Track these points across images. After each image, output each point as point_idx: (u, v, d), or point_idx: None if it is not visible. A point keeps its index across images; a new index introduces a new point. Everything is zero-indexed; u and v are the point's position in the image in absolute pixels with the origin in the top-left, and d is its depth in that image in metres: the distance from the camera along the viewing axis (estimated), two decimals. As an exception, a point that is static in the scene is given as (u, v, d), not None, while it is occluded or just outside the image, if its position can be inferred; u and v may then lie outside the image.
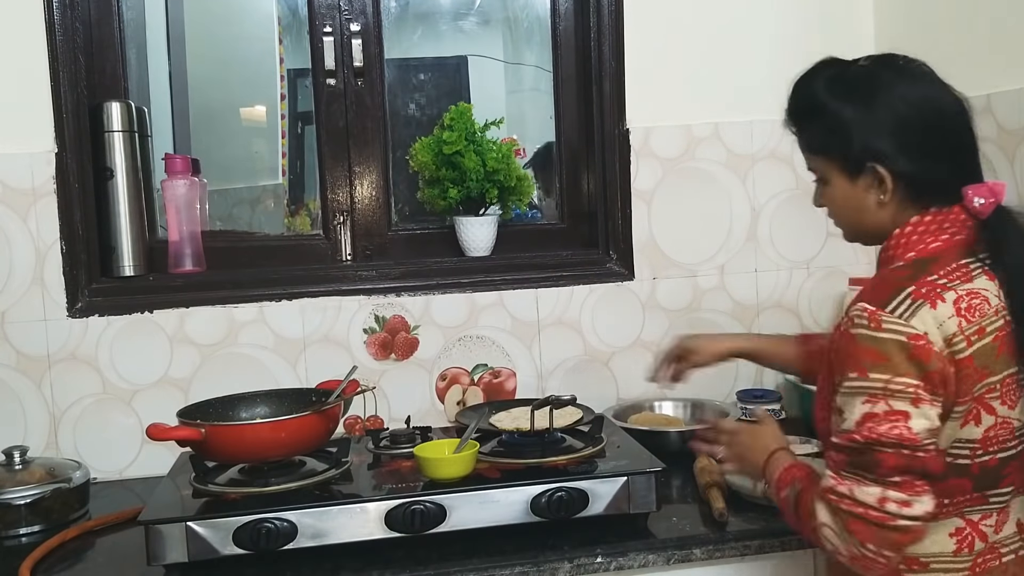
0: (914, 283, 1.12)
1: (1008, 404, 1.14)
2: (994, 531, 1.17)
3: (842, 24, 2.12)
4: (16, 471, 1.63)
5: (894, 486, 1.08)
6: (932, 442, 1.09)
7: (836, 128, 1.21)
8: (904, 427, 1.07)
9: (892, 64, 1.23)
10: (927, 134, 1.18)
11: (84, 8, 1.90)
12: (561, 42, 2.12)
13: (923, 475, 1.08)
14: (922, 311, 1.10)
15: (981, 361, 1.11)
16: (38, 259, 1.82)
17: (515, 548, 1.41)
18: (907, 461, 1.07)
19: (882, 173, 1.19)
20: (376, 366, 1.96)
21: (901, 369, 1.08)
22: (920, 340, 1.09)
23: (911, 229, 1.20)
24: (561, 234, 2.15)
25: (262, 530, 1.36)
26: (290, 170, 2.44)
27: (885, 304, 1.11)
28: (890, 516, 1.07)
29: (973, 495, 1.16)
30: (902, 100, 1.18)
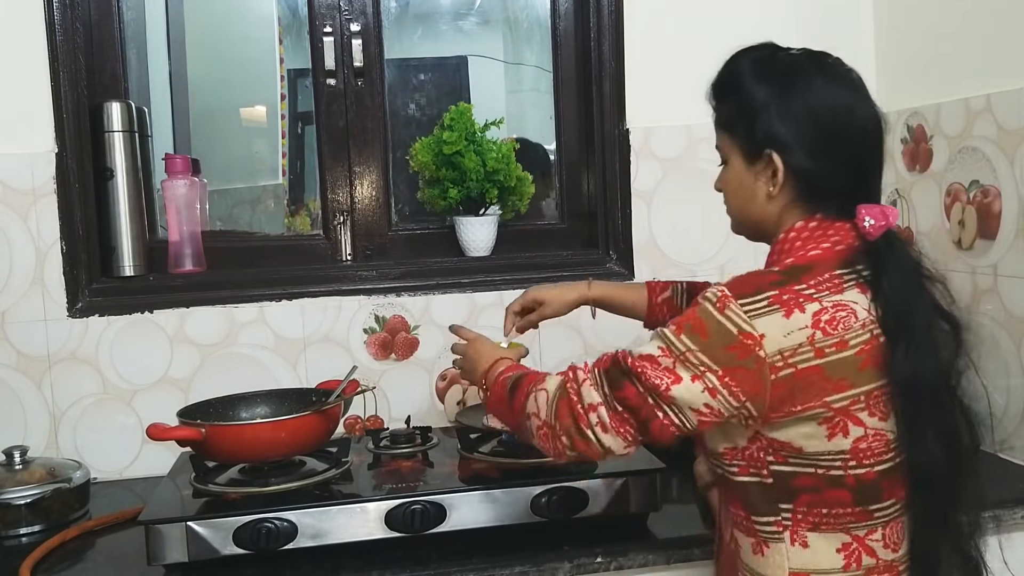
0: (778, 288, 1.11)
1: (878, 415, 1.12)
2: (883, 546, 1.15)
3: (842, 24, 2.12)
4: (16, 471, 1.63)
5: (612, 410, 1.13)
6: (680, 416, 1.11)
7: (746, 108, 1.20)
8: (668, 383, 1.10)
9: (820, 61, 1.21)
10: (831, 137, 1.16)
11: (84, 8, 1.90)
12: (561, 42, 2.12)
13: (642, 428, 1.13)
14: (773, 316, 1.09)
15: (838, 373, 1.10)
16: (38, 259, 1.82)
17: (515, 548, 1.41)
18: (640, 404, 1.12)
19: (776, 163, 1.17)
20: (376, 366, 1.96)
21: (709, 351, 1.10)
22: (749, 340, 1.09)
23: (795, 235, 1.18)
24: (561, 234, 2.15)
25: (262, 530, 1.36)
26: (290, 170, 2.44)
27: (741, 296, 1.11)
28: (587, 422, 1.14)
29: (855, 509, 1.14)
30: (816, 96, 1.16)
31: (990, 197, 1.76)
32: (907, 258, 1.17)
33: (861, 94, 1.20)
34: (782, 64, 1.20)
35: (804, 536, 1.15)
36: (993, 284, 1.77)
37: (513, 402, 1.24)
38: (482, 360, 1.39)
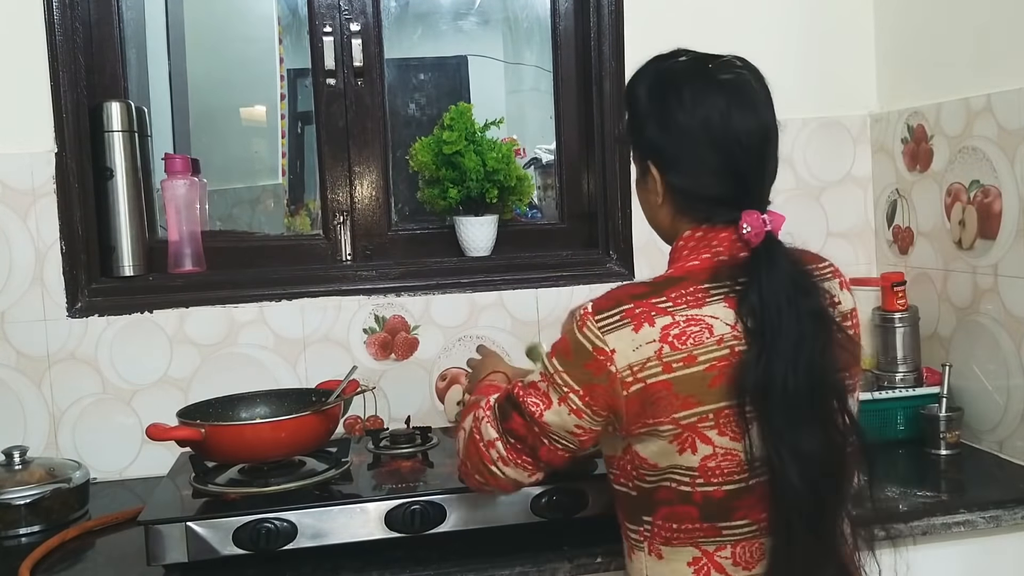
0: (635, 302, 1.11)
1: (729, 435, 1.09)
2: (733, 563, 1.14)
3: (842, 24, 2.12)
4: (16, 471, 1.63)
5: (507, 444, 1.19)
6: (558, 439, 1.16)
7: (634, 121, 1.21)
8: (541, 411, 1.15)
9: (701, 67, 1.18)
10: (704, 148, 1.14)
11: (84, 8, 1.90)
12: (561, 42, 2.12)
13: (533, 455, 1.18)
14: (623, 331, 1.10)
15: (685, 389, 1.08)
16: (38, 259, 1.82)
17: (515, 548, 1.41)
18: (527, 434, 1.17)
19: (655, 175, 1.18)
20: (376, 366, 1.96)
21: (571, 371, 1.13)
22: (602, 356, 1.10)
23: (682, 244, 1.19)
24: (561, 234, 2.15)
25: (262, 530, 1.36)
26: (290, 170, 2.44)
27: (599, 312, 1.13)
28: (489, 458, 1.20)
29: (703, 524, 1.13)
30: (687, 109, 1.14)
31: (990, 197, 1.76)
32: (783, 266, 1.13)
33: (740, 99, 1.15)
34: (663, 75, 1.19)
35: (659, 548, 1.17)
36: (993, 284, 1.77)
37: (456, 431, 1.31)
38: (479, 371, 1.49)
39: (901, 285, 1.92)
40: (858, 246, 2.15)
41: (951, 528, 1.52)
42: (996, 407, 1.78)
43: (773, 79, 1.21)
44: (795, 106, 2.08)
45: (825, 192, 2.13)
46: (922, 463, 1.78)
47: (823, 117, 2.12)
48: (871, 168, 2.15)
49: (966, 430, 1.82)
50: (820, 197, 2.13)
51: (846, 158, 2.14)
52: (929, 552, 1.50)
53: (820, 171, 2.13)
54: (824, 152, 2.13)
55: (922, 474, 1.74)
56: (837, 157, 2.14)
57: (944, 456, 1.78)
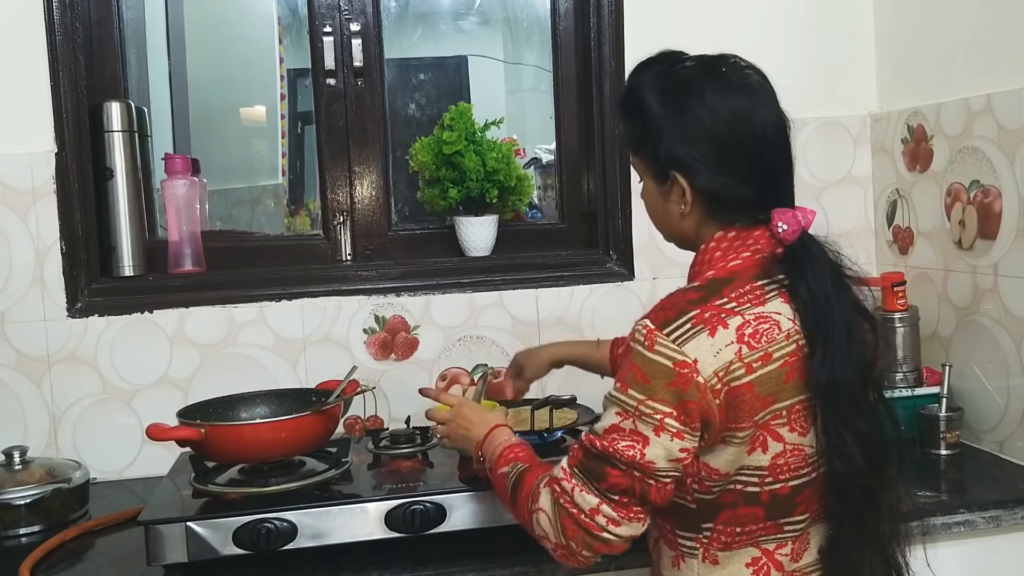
0: (700, 307, 1.09)
1: (798, 431, 1.10)
2: (791, 559, 1.15)
3: (842, 24, 2.12)
4: (16, 471, 1.63)
5: (612, 503, 1.09)
6: (666, 472, 1.08)
7: (648, 130, 1.17)
8: (639, 451, 1.07)
9: (714, 70, 1.17)
10: (731, 150, 1.13)
11: (84, 8, 1.90)
12: (561, 42, 2.12)
13: (643, 501, 1.09)
14: (699, 337, 1.06)
15: (764, 388, 1.07)
16: (38, 259, 1.82)
17: (515, 548, 1.41)
18: (632, 483, 1.08)
19: (682, 184, 1.15)
20: (376, 366, 1.96)
21: (658, 394, 1.06)
22: (685, 368, 1.06)
23: (714, 246, 1.16)
24: (561, 234, 2.15)
25: (262, 530, 1.36)
26: (290, 170, 2.44)
27: (665, 325, 1.08)
28: (597, 527, 1.09)
29: (766, 523, 1.13)
30: (710, 112, 1.13)
31: (990, 197, 1.76)
32: (823, 260, 1.14)
33: (759, 98, 1.16)
34: (675, 81, 1.16)
35: (715, 554, 1.15)
36: (993, 284, 1.77)
37: (518, 512, 1.20)
38: (474, 429, 1.35)
39: (901, 285, 1.92)
40: (858, 246, 2.14)
41: (951, 528, 1.52)
42: (996, 407, 1.78)
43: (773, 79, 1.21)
44: (795, 106, 2.05)
45: (825, 192, 2.13)
46: (922, 463, 1.78)
47: (823, 117, 2.12)
48: (871, 168, 2.15)
49: (966, 430, 1.82)
50: (820, 197, 2.13)
51: (846, 158, 2.14)
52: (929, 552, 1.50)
53: (820, 171, 2.13)
54: (824, 152, 2.13)
55: (922, 474, 1.74)
56: (837, 157, 2.14)
57: (944, 456, 1.78)
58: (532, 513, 1.16)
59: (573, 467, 1.12)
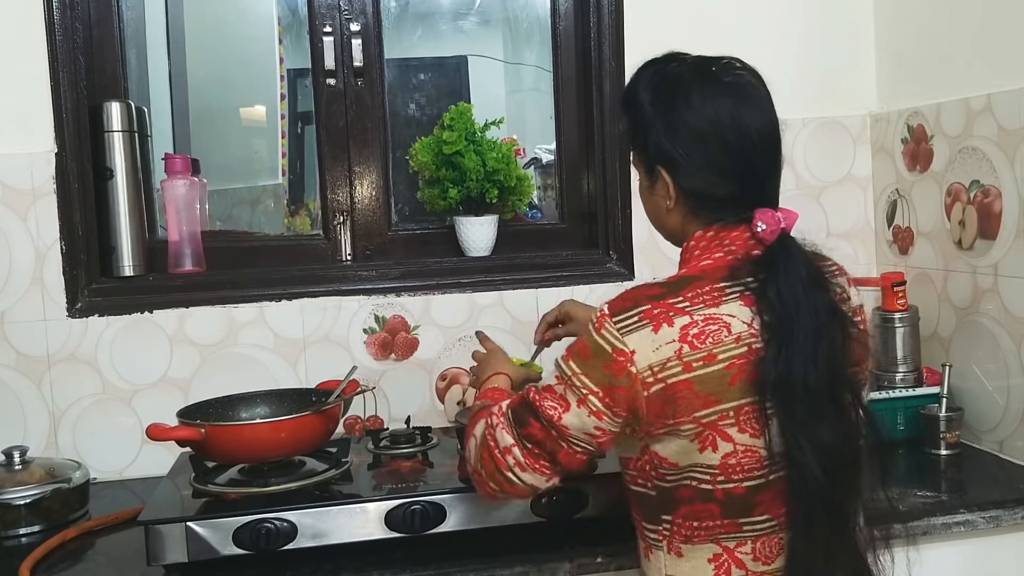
0: (652, 303, 1.11)
1: (749, 432, 1.10)
2: (753, 559, 1.15)
3: (842, 24, 2.12)
4: (16, 471, 1.63)
5: (524, 449, 1.17)
6: (577, 441, 1.15)
7: (639, 125, 1.21)
8: (559, 413, 1.14)
9: (705, 69, 1.19)
10: (714, 149, 1.15)
11: (84, 8, 1.90)
12: (561, 42, 2.12)
13: (552, 459, 1.17)
14: (643, 331, 1.10)
15: (706, 387, 1.09)
16: (38, 259, 1.82)
17: (515, 548, 1.41)
18: (545, 438, 1.15)
19: (666, 180, 1.18)
20: (376, 366, 1.96)
21: (591, 373, 1.12)
22: (622, 357, 1.10)
23: (694, 244, 1.19)
24: (561, 234, 2.15)
25: (262, 530, 1.36)
26: (290, 170, 2.44)
27: (616, 313, 1.12)
28: (505, 465, 1.18)
29: (723, 521, 1.14)
30: (695, 111, 1.16)
31: (990, 197, 1.76)
32: (799, 261, 1.14)
33: (747, 99, 1.17)
34: (667, 79, 1.20)
35: (679, 546, 1.17)
36: (993, 284, 1.77)
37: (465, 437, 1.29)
38: (483, 371, 1.50)
39: (901, 285, 1.92)
40: (858, 246, 2.15)
41: (951, 528, 1.52)
42: (996, 407, 1.78)
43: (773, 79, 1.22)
44: (795, 106, 2.08)
45: (825, 192, 2.13)
46: (922, 463, 1.78)
47: (823, 117, 2.12)
48: (871, 168, 2.15)
49: (966, 430, 1.82)
50: (820, 197, 2.13)
51: (846, 158, 2.14)
52: (929, 552, 1.50)
53: (820, 171, 2.13)
54: (824, 152, 2.13)
55: (922, 474, 1.74)
56: (837, 157, 2.14)
57: (944, 456, 1.78)
58: (467, 437, 1.26)
59: (508, 409, 1.21)
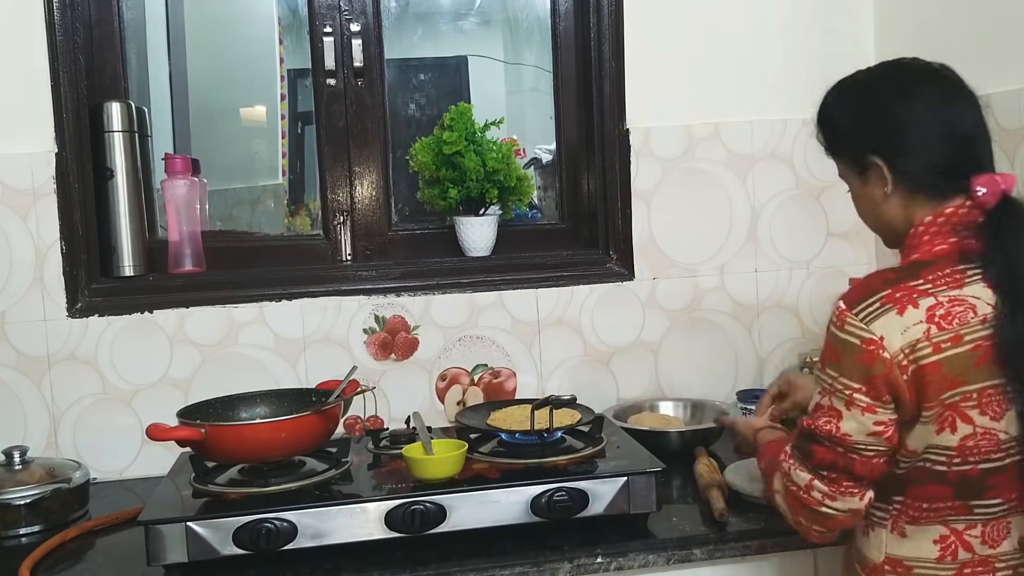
0: (892, 287, 1.13)
1: (990, 415, 1.12)
2: (981, 542, 1.17)
3: (842, 24, 2.12)
4: (16, 471, 1.63)
5: (822, 478, 1.16)
6: (866, 446, 1.14)
7: (840, 131, 1.28)
8: (835, 425, 1.14)
9: (891, 65, 1.27)
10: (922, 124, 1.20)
11: (84, 8, 1.90)
12: (561, 42, 2.12)
13: (851, 475, 1.15)
14: (887, 316, 1.12)
15: (952, 369, 1.11)
16: (38, 259, 1.82)
17: (515, 548, 1.41)
18: (835, 457, 1.15)
19: (880, 165, 1.22)
20: (376, 366, 1.96)
21: (846, 370, 1.13)
22: (871, 345, 1.11)
23: (923, 230, 1.20)
24: (561, 234, 2.15)
25: (262, 530, 1.36)
26: (290, 170, 2.44)
27: (855, 304, 1.14)
28: (815, 501, 1.17)
29: (955, 503, 1.16)
30: (895, 93, 1.21)
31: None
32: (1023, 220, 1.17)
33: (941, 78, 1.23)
34: (855, 83, 1.28)
35: (903, 527, 1.19)
36: (993, 284, 1.77)
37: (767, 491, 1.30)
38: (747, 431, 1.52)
39: (901, 285, 1.92)
40: (858, 246, 2.15)
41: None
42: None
43: (773, 79, 1.22)
44: (795, 106, 2.08)
45: (825, 192, 2.13)
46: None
47: (823, 117, 2.11)
48: (871, 168, 2.15)
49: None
50: (820, 197, 2.13)
51: (846, 158, 2.13)
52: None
53: (820, 171, 2.13)
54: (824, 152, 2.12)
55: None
56: (837, 157, 2.13)
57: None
58: (774, 494, 1.25)
59: (791, 448, 1.21)
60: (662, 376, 2.09)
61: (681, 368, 2.09)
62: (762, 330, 2.12)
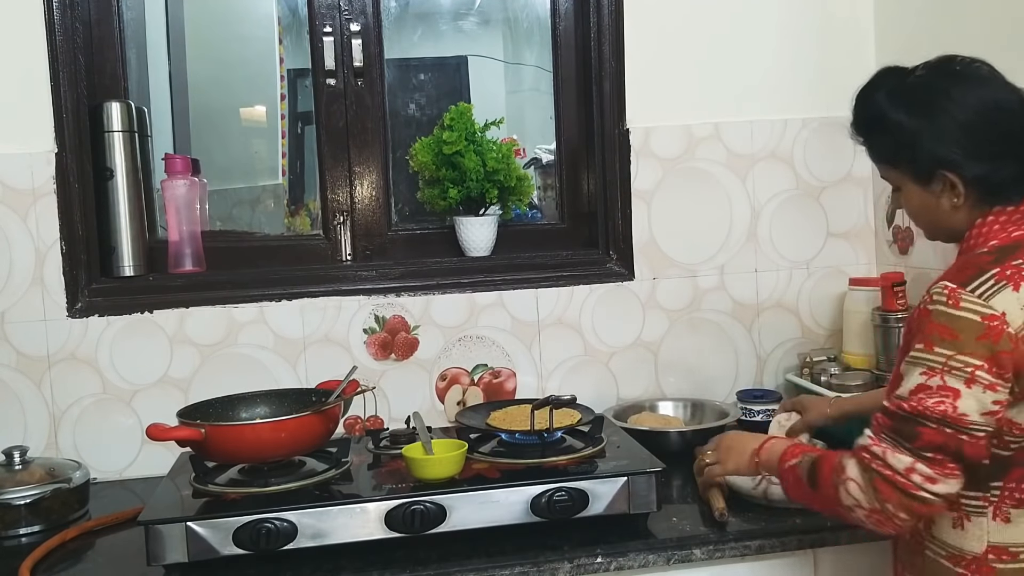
0: (999, 265, 1.14)
1: None
2: None
3: (843, 24, 2.12)
4: (16, 471, 1.63)
5: (926, 460, 1.12)
6: (979, 426, 1.12)
7: (901, 139, 1.24)
8: (951, 404, 1.11)
9: (948, 70, 1.25)
10: (991, 136, 1.20)
11: (84, 8, 1.90)
12: (561, 42, 2.12)
13: (958, 457, 1.12)
14: (1005, 292, 1.12)
15: None
16: (38, 259, 1.82)
17: (515, 548, 1.41)
18: (945, 439, 1.11)
19: (953, 179, 1.21)
20: (376, 366, 1.96)
21: (968, 348, 1.11)
22: (995, 320, 1.11)
23: (992, 219, 1.22)
24: (561, 234, 2.15)
25: (262, 530, 1.36)
26: (290, 170, 2.44)
27: (967, 283, 1.14)
28: (914, 485, 1.12)
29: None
30: (962, 106, 1.20)
31: (990, 197, 1.76)
32: None
33: (996, 83, 1.23)
34: (916, 87, 1.25)
35: (1007, 512, 1.17)
36: (993, 284, 1.77)
37: (819, 493, 1.23)
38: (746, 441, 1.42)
39: (901, 285, 1.92)
40: (858, 246, 2.15)
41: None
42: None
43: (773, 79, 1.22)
44: (795, 106, 2.08)
45: (825, 192, 2.13)
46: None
47: (823, 117, 2.12)
48: (871, 168, 2.14)
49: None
50: (820, 197, 2.13)
51: (846, 158, 2.14)
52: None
53: (820, 171, 2.13)
54: (824, 152, 2.13)
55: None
56: (837, 157, 2.13)
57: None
58: (839, 485, 1.18)
59: (880, 433, 1.16)
60: (662, 376, 2.09)
61: (681, 368, 2.09)
62: (762, 330, 2.12)
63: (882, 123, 1.26)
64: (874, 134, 1.29)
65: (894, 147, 1.26)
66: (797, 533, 1.47)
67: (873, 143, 1.30)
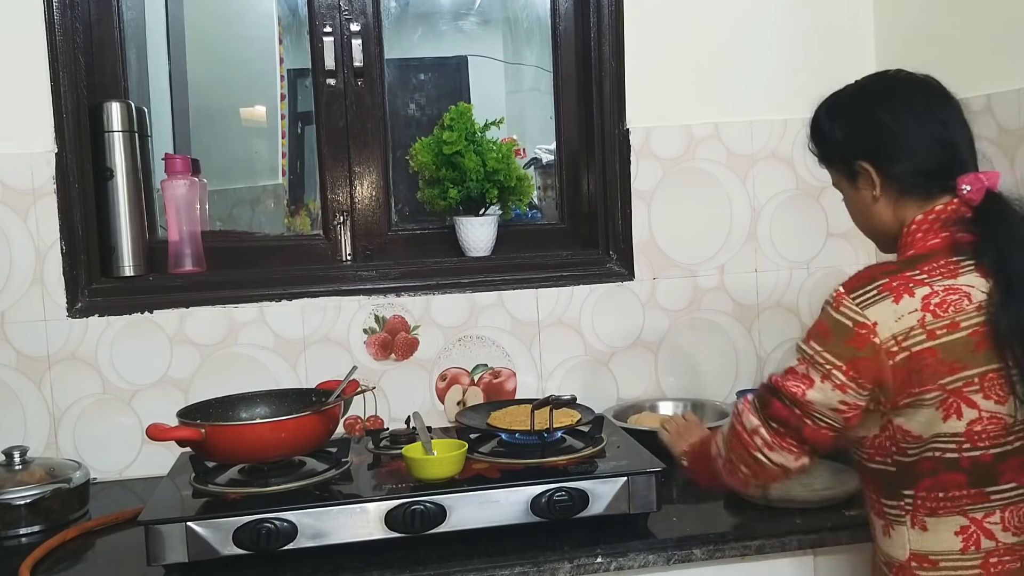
0: (890, 277, 1.19)
1: (994, 399, 1.16)
2: (1002, 529, 1.18)
3: (843, 24, 2.12)
4: (16, 471, 1.63)
5: (770, 429, 1.23)
6: (821, 416, 1.19)
7: (831, 140, 1.34)
8: (802, 391, 1.19)
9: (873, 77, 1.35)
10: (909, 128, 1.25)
11: (84, 8, 1.90)
12: (561, 42, 2.12)
13: (799, 436, 1.21)
14: (884, 303, 1.16)
15: (951, 355, 1.15)
16: (38, 259, 1.82)
17: (515, 548, 1.41)
18: (788, 415, 1.21)
19: (869, 169, 1.27)
20: (376, 366, 1.96)
21: (834, 348, 1.18)
22: (864, 329, 1.16)
23: (915, 228, 1.25)
24: (561, 234, 2.15)
25: (262, 530, 1.36)
26: (290, 170, 2.44)
27: (854, 290, 1.19)
28: (754, 446, 1.24)
29: (971, 491, 1.18)
30: (883, 100, 1.28)
31: (990, 197, 1.76)
32: (1011, 210, 1.21)
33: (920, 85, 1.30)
34: (844, 95, 1.35)
35: (923, 520, 1.20)
36: (993, 284, 1.77)
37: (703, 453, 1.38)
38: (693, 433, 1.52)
39: (901, 285, 1.92)
40: (858, 246, 2.15)
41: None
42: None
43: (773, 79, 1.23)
44: (795, 106, 2.07)
45: (825, 192, 2.13)
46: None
47: (823, 117, 2.11)
48: (871, 168, 2.15)
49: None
50: (820, 197, 2.13)
51: (846, 158, 2.13)
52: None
53: (820, 171, 2.10)
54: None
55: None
56: (837, 157, 2.13)
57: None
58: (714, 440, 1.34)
59: (752, 398, 1.27)
60: (662, 376, 2.09)
61: (681, 368, 2.09)
62: (762, 330, 2.12)
63: (818, 129, 1.36)
64: (815, 139, 1.38)
65: (826, 148, 1.36)
66: (797, 533, 1.47)
67: (816, 149, 1.39)
